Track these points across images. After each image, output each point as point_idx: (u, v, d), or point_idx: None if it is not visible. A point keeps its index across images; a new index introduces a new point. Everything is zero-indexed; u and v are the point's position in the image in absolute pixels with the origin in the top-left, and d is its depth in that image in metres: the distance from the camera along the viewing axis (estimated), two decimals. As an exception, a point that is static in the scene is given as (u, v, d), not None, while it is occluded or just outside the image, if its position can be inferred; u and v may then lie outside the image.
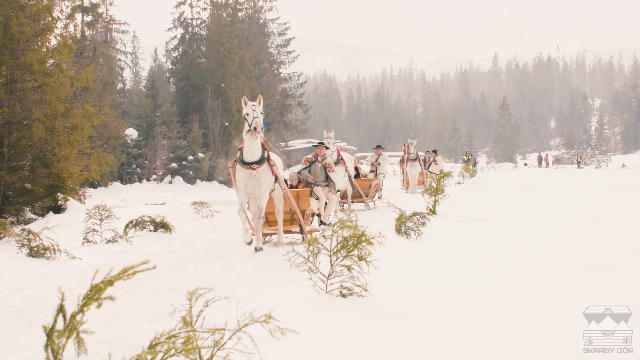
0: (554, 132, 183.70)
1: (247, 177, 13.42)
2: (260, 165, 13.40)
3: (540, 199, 24.13)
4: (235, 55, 59.75)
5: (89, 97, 40.53)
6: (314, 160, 18.64)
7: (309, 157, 18.79)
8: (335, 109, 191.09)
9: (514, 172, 61.28)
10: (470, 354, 5.81)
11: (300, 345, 5.54)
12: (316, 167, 18.52)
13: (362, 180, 25.63)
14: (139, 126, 56.81)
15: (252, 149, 13.33)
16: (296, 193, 16.15)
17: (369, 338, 6.13)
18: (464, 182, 34.53)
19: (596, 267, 9.88)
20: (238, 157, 13.62)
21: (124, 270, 3.65)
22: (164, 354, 3.63)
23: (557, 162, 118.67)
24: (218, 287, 9.46)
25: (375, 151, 27.86)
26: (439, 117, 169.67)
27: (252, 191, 13.61)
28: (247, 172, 13.42)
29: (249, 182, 13.47)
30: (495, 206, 21.40)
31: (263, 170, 13.52)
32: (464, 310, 7.25)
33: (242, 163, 13.45)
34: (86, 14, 51.82)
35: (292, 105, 72.33)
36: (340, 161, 21.75)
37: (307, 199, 16.39)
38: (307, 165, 18.49)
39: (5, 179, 23.29)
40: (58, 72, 25.28)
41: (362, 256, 7.73)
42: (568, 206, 21.45)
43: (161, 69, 76.66)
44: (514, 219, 17.30)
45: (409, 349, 5.90)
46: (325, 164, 18.55)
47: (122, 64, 62.82)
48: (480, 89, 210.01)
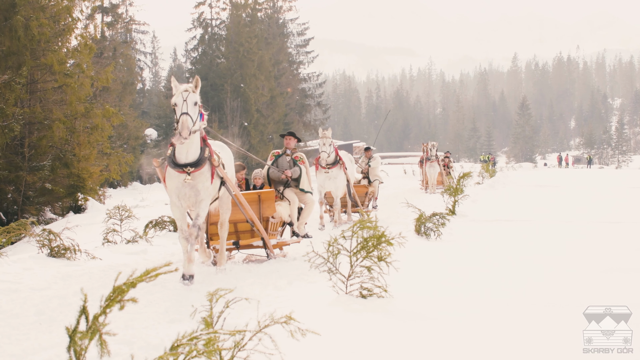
0: (574, 132, 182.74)
1: (180, 184, 10.11)
2: (198, 168, 10.08)
3: (560, 200, 24.04)
4: (255, 55, 59.77)
5: (108, 98, 40.67)
6: (281, 154, 15.35)
7: (275, 151, 15.67)
8: (354, 109, 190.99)
9: (534, 172, 61.12)
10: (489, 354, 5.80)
11: (321, 346, 5.54)
12: (283, 162, 15.21)
13: (358, 186, 22.23)
14: (158, 126, 56.97)
15: (187, 146, 9.97)
16: (257, 196, 12.84)
17: (389, 339, 6.12)
18: (484, 182, 34.46)
19: (617, 268, 9.84)
20: (168, 156, 10.19)
21: (146, 272, 3.66)
22: (185, 356, 3.63)
23: (577, 162, 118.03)
24: (237, 288, 9.47)
25: (365, 154, 23.93)
26: (458, 117, 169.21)
27: (188, 202, 10.34)
28: (180, 177, 10.09)
29: (181, 192, 10.18)
30: (515, 206, 21.34)
31: (202, 174, 10.20)
32: (483, 311, 7.23)
33: (173, 165, 10.07)
34: (106, 14, 52.02)
35: (311, 105, 72.24)
36: (338, 162, 18.64)
37: (271, 204, 12.94)
38: (273, 160, 15.25)
39: (25, 179, 23.42)
40: (78, 72, 25.41)
41: (381, 257, 7.73)
42: (588, 207, 21.36)
43: (180, 69, 76.80)
44: (534, 220, 17.24)
45: (429, 350, 5.89)
46: (296, 157, 15.26)
47: (142, 64, 63.03)
48: (499, 89, 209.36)
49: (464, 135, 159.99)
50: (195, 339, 3.72)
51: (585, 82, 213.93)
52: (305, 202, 15.14)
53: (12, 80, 21.57)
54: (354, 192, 20.25)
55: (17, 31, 22.19)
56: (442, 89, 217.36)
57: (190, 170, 10.00)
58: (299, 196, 14.93)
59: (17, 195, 23.51)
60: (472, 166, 70.91)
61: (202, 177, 10.21)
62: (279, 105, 61.00)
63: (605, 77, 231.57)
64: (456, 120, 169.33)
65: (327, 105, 79.33)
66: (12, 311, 8.20)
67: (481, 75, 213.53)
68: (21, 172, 23.24)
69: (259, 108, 59.93)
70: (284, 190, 14.70)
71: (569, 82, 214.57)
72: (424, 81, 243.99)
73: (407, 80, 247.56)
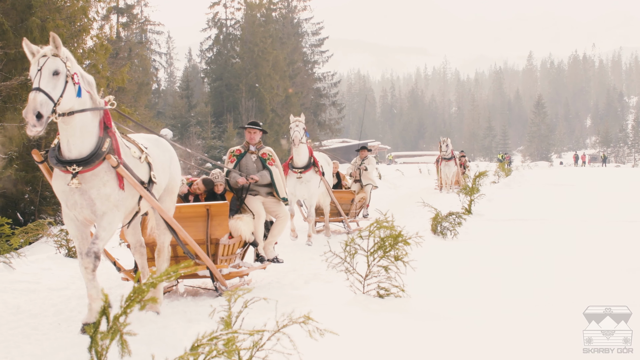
0: (590, 131, 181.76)
1: (67, 189, 7.13)
2: (89, 168, 7.07)
3: (577, 198, 23.95)
4: (269, 55, 59.80)
5: (124, 98, 40.71)
6: (243, 152, 11.77)
7: (234, 150, 11.96)
8: (369, 108, 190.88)
9: (550, 171, 60.90)
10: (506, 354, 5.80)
11: (339, 346, 5.54)
12: (248, 162, 11.69)
13: (342, 192, 18.83)
14: (173, 126, 57.07)
15: (69, 135, 7.02)
16: (204, 210, 9.71)
17: (406, 339, 6.12)
18: (500, 181, 34.34)
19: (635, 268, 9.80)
20: (52, 148, 7.28)
21: (166, 271, 3.67)
22: (205, 356, 3.65)
23: (593, 161, 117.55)
24: (256, 288, 9.49)
25: (360, 154, 21.08)
26: (474, 116, 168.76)
27: (82, 214, 7.30)
28: (66, 178, 7.14)
29: (70, 199, 7.18)
30: (531, 206, 21.27)
31: (95, 175, 7.16)
32: (500, 311, 7.22)
33: (56, 161, 7.12)
34: (121, 15, 52.20)
35: (326, 104, 72.24)
36: (313, 165, 15.82)
37: (223, 221, 9.75)
38: (235, 162, 11.69)
39: (42, 179, 23.50)
40: (94, 73, 25.43)
41: (398, 256, 7.73)
42: (605, 205, 21.28)
43: (195, 69, 76.98)
44: (551, 219, 17.20)
45: (446, 350, 5.89)
46: (264, 155, 11.71)
47: (157, 65, 63.26)
48: (515, 88, 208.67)
49: (479, 135, 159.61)
50: (215, 338, 3.73)
51: (601, 81, 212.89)
52: (278, 215, 11.71)
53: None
54: (334, 201, 17.42)
55: (33, 32, 22.21)
56: (457, 88, 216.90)
57: (77, 170, 7.03)
58: (269, 207, 11.61)
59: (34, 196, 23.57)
60: (487, 165, 70.75)
61: (96, 181, 7.16)
62: (294, 105, 60.94)
63: (621, 75, 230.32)
64: (471, 120, 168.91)
65: (342, 105, 79.33)
66: (31, 311, 8.25)
67: (496, 74, 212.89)
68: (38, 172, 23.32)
69: (274, 108, 59.93)
70: (245, 197, 11.31)
71: (584, 80, 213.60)
72: (439, 80, 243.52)
73: (422, 80, 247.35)
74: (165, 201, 8.56)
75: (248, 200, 11.25)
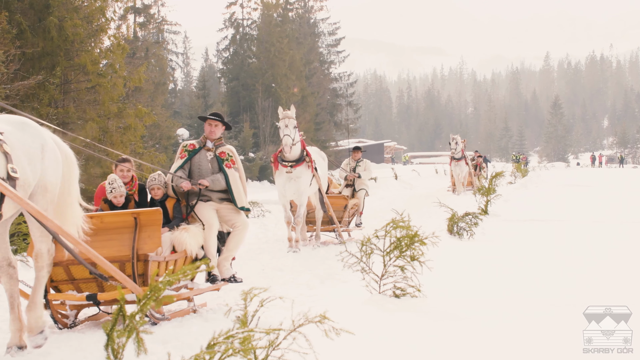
0: (607, 131, 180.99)
1: None
2: None
3: (594, 199, 23.87)
4: (286, 55, 59.79)
5: (141, 98, 40.83)
6: (197, 148, 9.69)
7: (188, 144, 9.88)
8: (385, 109, 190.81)
9: (566, 171, 60.82)
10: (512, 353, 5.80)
11: (355, 345, 5.54)
12: (202, 160, 9.61)
13: (334, 197, 16.80)
14: (190, 126, 57.14)
15: None
16: (131, 218, 7.93)
17: (422, 339, 6.11)
18: (516, 182, 34.27)
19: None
20: None
21: (182, 269, 3.68)
22: (222, 354, 3.65)
23: (610, 162, 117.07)
24: (271, 287, 9.50)
25: (353, 155, 18.42)
26: (490, 117, 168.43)
27: None
28: None
29: None
30: (548, 206, 21.22)
31: None
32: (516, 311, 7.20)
33: None
34: (138, 14, 52.30)
35: (342, 104, 72.15)
36: (305, 159, 14.31)
37: (155, 232, 7.90)
38: (186, 159, 9.61)
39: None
40: (111, 72, 25.53)
41: (415, 256, 7.72)
42: (622, 207, 21.20)
43: (212, 69, 77.06)
44: (568, 220, 17.14)
45: (462, 350, 5.88)
46: (222, 154, 9.66)
47: (174, 65, 63.36)
48: (531, 88, 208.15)
49: (496, 135, 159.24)
50: (232, 337, 3.73)
51: (618, 81, 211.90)
52: (234, 224, 9.53)
53: (46, 81, 21.70)
54: (327, 204, 15.35)
55: (51, 32, 22.32)
56: (474, 89, 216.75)
57: None
58: (224, 215, 9.53)
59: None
60: (503, 166, 70.62)
61: None
62: (311, 105, 60.94)
63: (639, 75, 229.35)
64: (488, 120, 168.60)
65: (358, 105, 79.32)
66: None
67: (513, 74, 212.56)
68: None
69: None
70: (195, 204, 9.32)
71: (601, 81, 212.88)
72: (455, 81, 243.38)
73: (438, 80, 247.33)
74: (38, 202, 6.56)
75: (198, 207, 9.26)
